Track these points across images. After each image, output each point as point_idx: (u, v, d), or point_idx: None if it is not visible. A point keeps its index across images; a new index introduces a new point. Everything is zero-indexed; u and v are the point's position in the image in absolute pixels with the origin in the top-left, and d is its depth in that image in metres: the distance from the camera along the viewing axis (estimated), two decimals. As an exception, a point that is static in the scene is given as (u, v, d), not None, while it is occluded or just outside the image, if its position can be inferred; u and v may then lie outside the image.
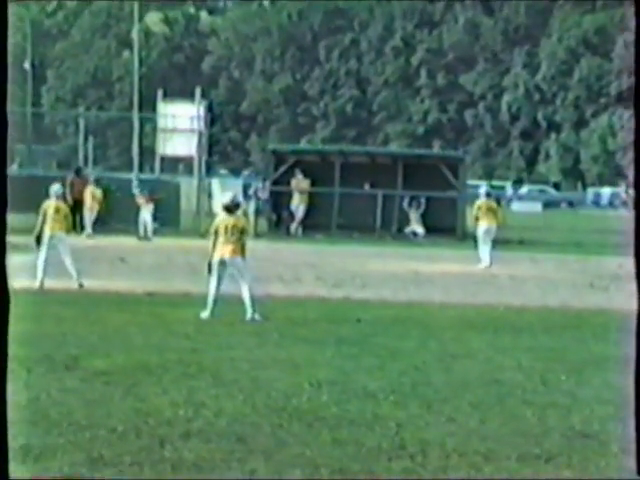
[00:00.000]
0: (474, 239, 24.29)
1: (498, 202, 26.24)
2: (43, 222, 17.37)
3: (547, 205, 61.82)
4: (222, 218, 14.48)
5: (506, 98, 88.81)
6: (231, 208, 14.52)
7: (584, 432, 8.32)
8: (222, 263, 14.28)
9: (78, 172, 32.96)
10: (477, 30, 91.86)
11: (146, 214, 30.65)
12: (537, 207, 59.21)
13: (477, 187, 29.21)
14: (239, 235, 14.29)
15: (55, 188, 17.94)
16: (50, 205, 17.54)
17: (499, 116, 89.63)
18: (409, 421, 8.54)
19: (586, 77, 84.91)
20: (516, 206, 62.13)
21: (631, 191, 52.12)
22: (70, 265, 17.37)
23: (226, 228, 14.29)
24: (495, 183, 67.43)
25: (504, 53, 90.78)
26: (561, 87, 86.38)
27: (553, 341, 13.12)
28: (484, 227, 23.73)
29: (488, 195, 24.64)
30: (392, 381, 10.16)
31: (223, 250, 14.28)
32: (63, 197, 18.62)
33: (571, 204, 69.15)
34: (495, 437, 8.08)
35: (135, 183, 32.79)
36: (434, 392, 9.73)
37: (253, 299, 14.21)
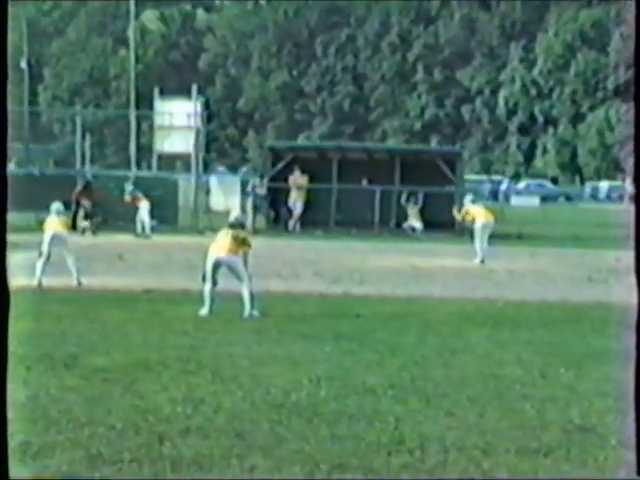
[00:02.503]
0: (471, 234, 24.32)
1: (495, 196, 26.24)
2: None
3: (545, 199, 61.74)
4: (224, 231, 14.58)
5: (503, 93, 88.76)
6: (235, 226, 14.64)
7: (583, 426, 8.32)
8: (217, 263, 14.33)
9: (86, 186, 32.59)
10: (473, 25, 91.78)
11: (144, 212, 30.63)
12: (535, 201, 59.13)
13: (475, 182, 29.17)
14: (239, 242, 14.33)
15: (56, 206, 18.01)
16: (52, 221, 17.70)
17: (496, 111, 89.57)
18: (408, 416, 8.54)
19: (583, 71, 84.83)
20: (514, 200, 62.11)
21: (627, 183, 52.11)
22: (72, 264, 17.39)
23: (226, 235, 14.40)
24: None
25: (501, 48, 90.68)
26: (558, 81, 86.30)
27: (552, 335, 13.12)
28: (482, 222, 23.75)
29: (473, 202, 24.77)
30: (391, 376, 10.16)
31: (219, 250, 14.33)
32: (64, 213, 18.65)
33: (569, 198, 69.02)
34: (494, 431, 8.08)
35: (129, 182, 32.49)
36: (433, 387, 9.73)
37: (252, 296, 14.23)
